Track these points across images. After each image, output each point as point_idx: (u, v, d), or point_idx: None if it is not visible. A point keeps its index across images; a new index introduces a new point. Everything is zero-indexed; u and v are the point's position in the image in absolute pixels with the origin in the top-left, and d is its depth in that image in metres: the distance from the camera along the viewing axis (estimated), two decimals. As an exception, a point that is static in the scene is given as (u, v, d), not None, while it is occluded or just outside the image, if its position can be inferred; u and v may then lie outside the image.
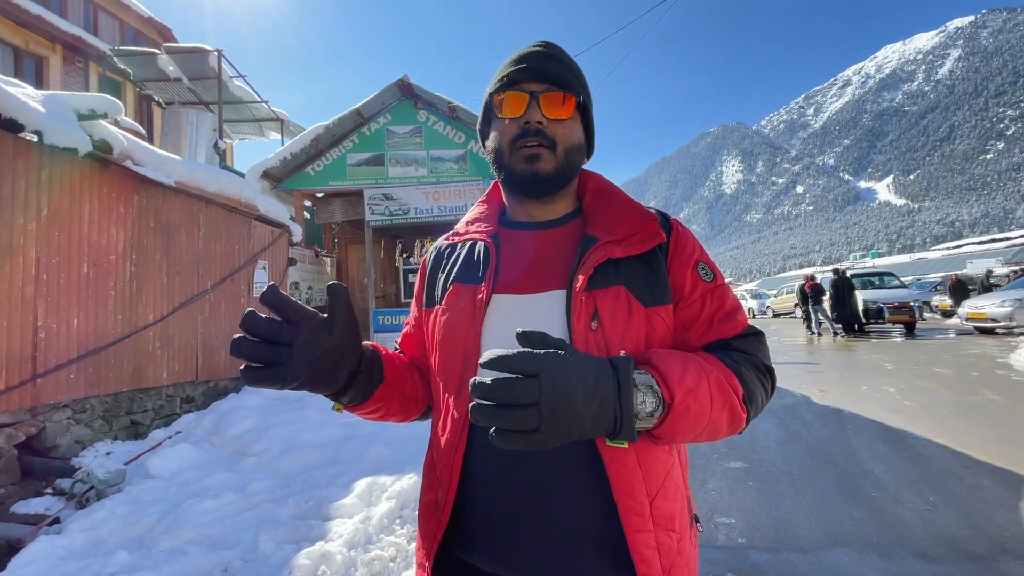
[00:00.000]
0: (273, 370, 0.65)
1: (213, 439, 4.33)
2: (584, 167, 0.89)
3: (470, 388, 0.56)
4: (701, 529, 0.83)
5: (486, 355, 0.56)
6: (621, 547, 0.68)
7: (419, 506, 0.83)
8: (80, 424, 3.88)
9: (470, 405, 0.56)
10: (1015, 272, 15.38)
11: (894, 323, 12.72)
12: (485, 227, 0.87)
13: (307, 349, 0.68)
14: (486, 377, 0.56)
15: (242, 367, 0.65)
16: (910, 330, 12.55)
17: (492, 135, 0.83)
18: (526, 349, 0.57)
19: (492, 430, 0.55)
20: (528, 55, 0.81)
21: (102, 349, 4.01)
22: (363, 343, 0.80)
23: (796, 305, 14.75)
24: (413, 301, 0.96)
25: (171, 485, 3.46)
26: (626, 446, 0.67)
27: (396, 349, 0.97)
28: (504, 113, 0.80)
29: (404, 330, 0.97)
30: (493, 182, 0.94)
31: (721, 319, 0.77)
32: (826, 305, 13.07)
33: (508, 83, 0.80)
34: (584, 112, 0.84)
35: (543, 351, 0.57)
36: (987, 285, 15.08)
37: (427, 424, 0.88)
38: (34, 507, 3.14)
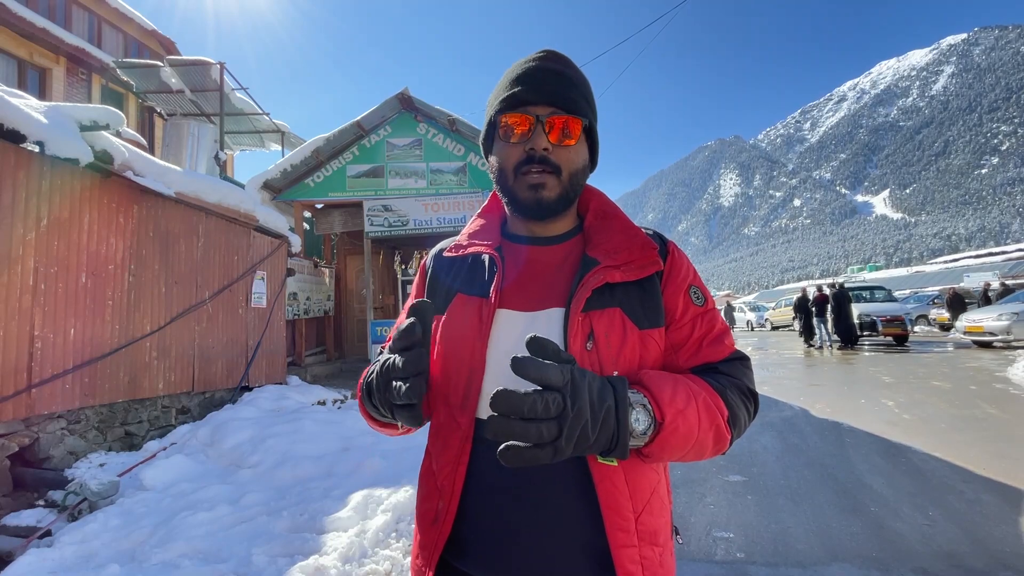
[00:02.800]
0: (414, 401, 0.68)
1: (208, 451, 4.29)
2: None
3: (492, 399, 0.54)
4: (680, 542, 0.86)
5: (517, 360, 0.56)
6: (609, 559, 0.70)
7: (417, 514, 0.83)
8: (74, 435, 3.84)
9: (489, 416, 0.55)
10: (1003, 285, 15.45)
11: (887, 335, 13.23)
12: (489, 240, 0.87)
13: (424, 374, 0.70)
14: (518, 389, 0.55)
15: (405, 389, 0.66)
16: (901, 342, 13.08)
17: (495, 156, 0.83)
18: (551, 361, 0.57)
19: (500, 448, 0.55)
20: (532, 72, 0.78)
21: (98, 359, 3.99)
22: None
23: (795, 318, 14.72)
24: (410, 301, 0.95)
25: (165, 497, 3.42)
26: (615, 464, 0.70)
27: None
28: (508, 137, 0.79)
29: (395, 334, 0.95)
30: (491, 192, 0.93)
31: (710, 343, 0.79)
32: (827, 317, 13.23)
33: (512, 104, 0.78)
34: (589, 130, 0.82)
35: (566, 365, 0.58)
36: (987, 297, 15.15)
37: (422, 436, 0.88)
38: (25, 519, 3.09)
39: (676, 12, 9.76)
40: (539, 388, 0.56)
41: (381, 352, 0.96)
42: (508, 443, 0.55)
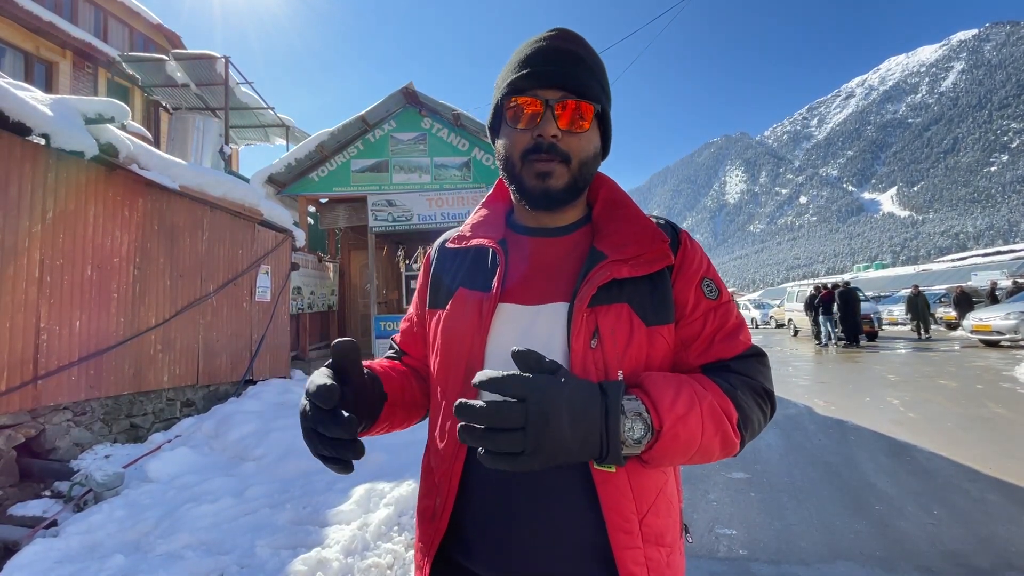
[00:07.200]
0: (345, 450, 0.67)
1: (212, 443, 4.32)
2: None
3: (454, 409, 0.56)
4: (691, 540, 0.83)
5: (478, 376, 0.57)
6: (613, 560, 0.68)
7: (417, 509, 0.82)
8: (80, 427, 3.87)
9: (458, 426, 0.57)
10: (1015, 283, 15.35)
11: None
12: (492, 232, 0.84)
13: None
14: (475, 400, 0.56)
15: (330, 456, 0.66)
16: (871, 338, 14.19)
17: (502, 141, 0.79)
18: (516, 372, 0.57)
19: (480, 449, 0.56)
20: (543, 52, 0.74)
21: (104, 352, 4.01)
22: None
23: (813, 322, 14.69)
24: (415, 296, 0.94)
25: (169, 489, 3.44)
26: (614, 470, 0.67)
27: (393, 347, 0.95)
28: (515, 122, 0.75)
29: (403, 326, 0.95)
30: (497, 180, 0.90)
31: (722, 338, 0.75)
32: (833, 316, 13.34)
33: (520, 87, 0.74)
34: (602, 115, 0.78)
35: (533, 376, 0.57)
36: (994, 296, 15.08)
37: (425, 431, 0.86)
38: (32, 509, 3.13)
39: (683, 7, 9.68)
40: (503, 400, 0.56)
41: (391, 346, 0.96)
42: (481, 449, 0.56)
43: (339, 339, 0.69)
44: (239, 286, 5.70)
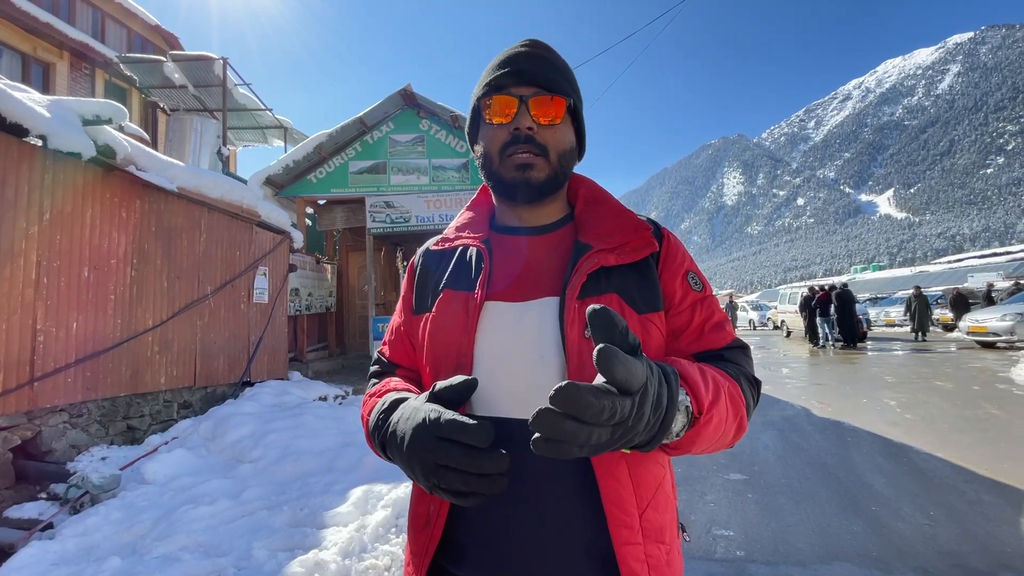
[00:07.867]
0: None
1: (209, 445, 4.30)
2: (576, 171, 0.87)
3: (557, 392, 0.46)
4: (688, 539, 0.83)
5: (605, 350, 0.47)
6: (612, 558, 0.67)
7: (409, 518, 0.81)
8: (76, 428, 3.86)
9: (540, 408, 0.47)
10: (1016, 284, 15.42)
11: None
12: (476, 233, 0.85)
13: None
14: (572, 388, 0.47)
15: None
16: (861, 339, 14.23)
17: (481, 141, 0.82)
18: (628, 357, 0.49)
19: (537, 436, 0.48)
20: (515, 57, 0.79)
21: (100, 353, 4.00)
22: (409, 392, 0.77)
23: (808, 323, 14.75)
24: (400, 304, 0.92)
25: (166, 491, 3.43)
26: (628, 452, 0.65)
27: (382, 361, 0.91)
28: (493, 119, 0.78)
29: (389, 337, 0.92)
30: (481, 186, 0.92)
31: (711, 329, 0.77)
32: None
33: (495, 87, 0.78)
34: (575, 113, 0.82)
35: (645, 364, 0.51)
36: (991, 298, 15.17)
37: None
38: (28, 512, 3.11)
39: (680, 9, 9.71)
40: (610, 388, 0.48)
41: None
42: (546, 437, 0.48)
43: (463, 377, 0.63)
44: (237, 287, 5.69)
